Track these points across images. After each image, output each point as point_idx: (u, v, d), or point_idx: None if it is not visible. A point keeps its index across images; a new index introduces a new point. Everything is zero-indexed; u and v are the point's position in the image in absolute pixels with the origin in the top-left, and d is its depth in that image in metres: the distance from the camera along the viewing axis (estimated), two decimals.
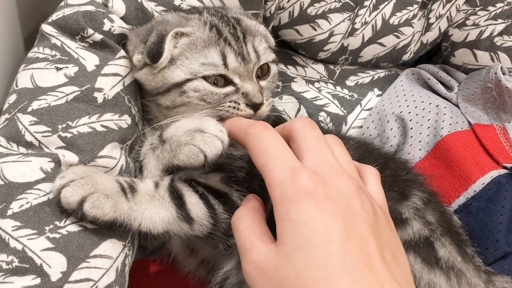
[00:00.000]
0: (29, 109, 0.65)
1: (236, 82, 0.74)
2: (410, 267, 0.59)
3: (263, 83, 0.79)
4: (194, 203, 0.67)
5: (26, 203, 0.58)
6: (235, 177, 0.73)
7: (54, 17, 0.75)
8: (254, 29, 0.80)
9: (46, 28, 0.74)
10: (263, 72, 0.79)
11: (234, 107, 0.73)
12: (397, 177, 0.78)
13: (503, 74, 0.94)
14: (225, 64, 0.72)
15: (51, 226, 0.58)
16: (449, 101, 0.98)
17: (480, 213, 0.84)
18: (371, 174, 0.63)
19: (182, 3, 0.85)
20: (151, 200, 0.64)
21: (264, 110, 0.75)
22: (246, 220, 0.58)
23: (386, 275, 0.50)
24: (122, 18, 0.78)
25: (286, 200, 0.52)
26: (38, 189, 0.60)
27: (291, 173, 0.53)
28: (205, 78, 0.72)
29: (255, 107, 0.74)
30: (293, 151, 0.57)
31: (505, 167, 0.87)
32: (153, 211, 0.63)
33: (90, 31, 0.73)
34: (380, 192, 0.62)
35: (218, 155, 0.66)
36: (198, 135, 0.66)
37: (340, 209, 0.52)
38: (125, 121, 0.72)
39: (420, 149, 0.91)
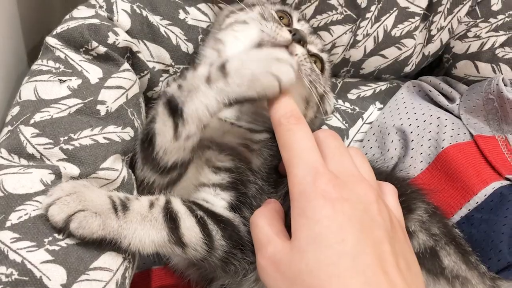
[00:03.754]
0: (32, 121, 0.66)
1: (293, 21, 0.84)
2: None
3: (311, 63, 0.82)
4: (189, 227, 0.65)
5: (25, 214, 0.58)
6: (244, 195, 0.73)
7: (58, 29, 0.76)
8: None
9: (50, 40, 0.75)
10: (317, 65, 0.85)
11: (277, 27, 0.76)
12: (401, 192, 0.78)
13: (505, 85, 0.94)
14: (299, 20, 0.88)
15: (50, 238, 0.58)
16: (451, 112, 0.98)
17: (482, 224, 0.83)
18: (389, 190, 0.65)
19: (187, 17, 0.86)
20: (142, 221, 0.62)
21: (299, 52, 0.77)
22: (265, 218, 0.60)
23: (399, 281, 0.51)
24: (127, 31, 0.79)
25: (304, 198, 0.54)
26: (37, 201, 0.60)
27: (313, 173, 0.55)
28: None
29: (296, 38, 0.76)
30: None
31: (507, 179, 0.87)
32: (143, 232, 0.62)
33: (95, 43, 0.74)
34: (398, 207, 0.63)
35: (291, 84, 0.63)
36: (274, 62, 0.63)
37: (357, 212, 0.53)
38: (128, 133, 0.72)
39: (422, 161, 0.91)
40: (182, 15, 0.85)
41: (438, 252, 0.72)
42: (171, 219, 0.64)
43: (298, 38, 0.76)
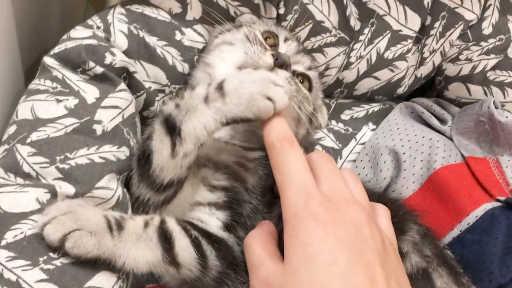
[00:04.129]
0: (28, 140, 0.67)
1: (281, 48, 0.84)
2: None
3: (297, 81, 0.83)
4: (183, 247, 0.65)
5: (21, 233, 0.59)
6: (239, 215, 0.73)
7: (56, 50, 0.77)
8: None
9: (48, 60, 0.76)
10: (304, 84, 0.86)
11: (260, 51, 0.77)
12: (394, 214, 0.79)
13: (496, 108, 0.95)
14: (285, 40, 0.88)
15: (45, 257, 0.58)
16: (443, 134, 0.99)
17: (474, 245, 0.84)
18: (382, 212, 0.65)
19: (183, 38, 0.87)
20: (137, 240, 0.63)
21: (281, 76, 0.77)
22: (259, 240, 0.61)
23: None
24: (124, 52, 0.80)
25: (296, 220, 0.55)
26: (33, 220, 0.60)
27: (305, 195, 0.55)
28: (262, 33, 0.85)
29: (278, 63, 0.77)
30: None
31: (498, 200, 0.87)
32: (138, 252, 0.62)
33: (92, 64, 0.75)
34: (390, 228, 0.64)
35: (285, 106, 0.65)
36: (270, 85, 0.65)
37: (349, 234, 0.54)
38: (124, 152, 0.73)
39: (414, 182, 0.92)
40: (178, 36, 0.86)
41: (431, 274, 0.73)
42: (165, 239, 0.65)
43: (280, 63, 0.77)
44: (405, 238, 0.75)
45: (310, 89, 0.88)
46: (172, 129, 0.68)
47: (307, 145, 0.96)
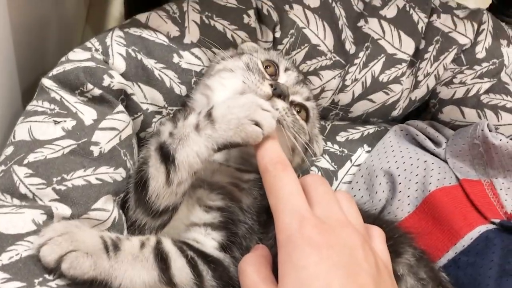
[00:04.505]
0: (25, 161, 0.67)
1: (280, 77, 0.85)
2: None
3: (295, 112, 0.83)
4: (179, 268, 0.66)
5: (16, 255, 0.58)
6: (235, 235, 0.74)
7: (54, 71, 0.77)
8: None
9: (46, 82, 0.76)
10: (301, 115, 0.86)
11: (259, 81, 0.78)
12: (389, 236, 0.79)
13: (490, 131, 0.96)
14: (285, 70, 0.89)
15: (41, 279, 0.58)
16: (438, 156, 1.00)
17: (469, 268, 0.84)
18: (377, 234, 0.65)
19: (180, 61, 0.88)
20: (133, 261, 0.63)
21: (280, 106, 0.78)
22: (253, 264, 0.60)
23: None
24: (121, 74, 0.81)
25: (290, 244, 0.54)
26: (29, 241, 0.60)
27: (299, 219, 0.55)
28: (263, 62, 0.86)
29: (276, 93, 0.78)
30: None
31: (493, 222, 0.88)
32: (134, 272, 0.62)
33: (90, 86, 0.75)
34: (385, 251, 0.64)
35: (272, 130, 0.66)
36: (257, 110, 0.66)
37: (343, 257, 0.53)
38: (120, 174, 0.73)
39: (409, 204, 0.92)
40: (176, 59, 0.87)
41: None
42: (161, 259, 0.65)
43: (279, 93, 0.78)
44: (401, 260, 0.75)
45: (307, 119, 0.88)
46: (167, 157, 0.69)
47: (301, 173, 0.96)
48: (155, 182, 0.70)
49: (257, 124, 0.65)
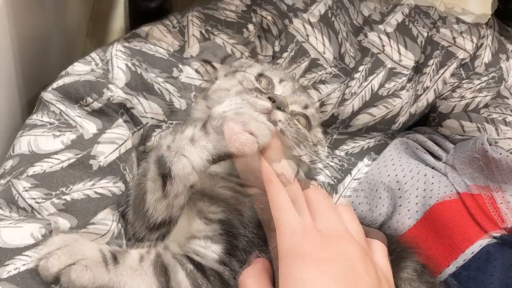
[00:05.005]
0: (25, 175, 0.67)
1: (274, 83, 0.85)
2: None
3: (296, 122, 0.83)
4: (179, 281, 0.65)
5: (15, 269, 0.58)
6: (235, 248, 0.73)
7: (54, 85, 0.78)
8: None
9: (46, 95, 0.77)
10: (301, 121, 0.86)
11: (256, 96, 0.77)
12: (390, 250, 0.79)
13: (490, 144, 0.96)
14: (280, 81, 0.88)
15: None
16: (438, 170, 1.00)
17: (470, 282, 0.84)
18: (378, 248, 0.65)
19: (180, 75, 0.88)
20: (132, 274, 0.63)
21: (282, 118, 0.77)
22: (253, 277, 0.61)
23: None
24: (122, 88, 0.81)
25: (290, 258, 0.55)
26: (27, 255, 0.60)
27: (299, 233, 0.56)
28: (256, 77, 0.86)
29: (276, 105, 0.77)
30: None
31: (494, 237, 0.87)
32: (133, 285, 0.62)
33: (90, 99, 0.76)
34: (386, 264, 0.64)
35: (268, 142, 0.65)
36: (252, 121, 0.66)
37: (343, 271, 0.53)
38: (119, 187, 0.73)
39: (410, 218, 0.92)
40: (176, 73, 0.88)
41: None
42: (161, 272, 0.65)
43: (278, 105, 0.77)
44: (402, 275, 0.75)
45: (309, 127, 0.88)
46: (164, 169, 0.69)
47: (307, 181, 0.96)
48: (152, 194, 0.70)
49: (251, 134, 0.65)
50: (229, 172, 0.82)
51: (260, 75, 0.88)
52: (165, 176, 0.68)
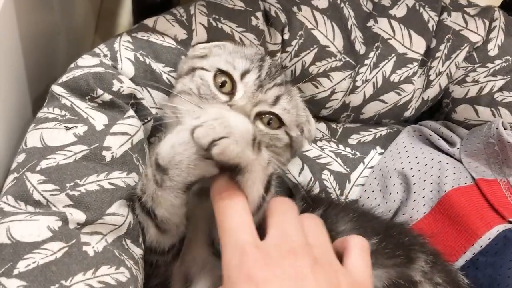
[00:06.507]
0: (38, 168, 0.66)
1: (238, 90, 0.80)
2: None
3: (262, 126, 0.80)
4: None
5: (33, 262, 0.58)
6: None
7: (64, 78, 0.77)
8: (293, 93, 0.90)
9: (56, 89, 0.76)
10: (272, 123, 0.82)
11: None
12: (400, 242, 0.78)
13: (505, 129, 0.95)
14: (242, 75, 0.81)
15: (57, 286, 0.57)
16: (452, 156, 0.99)
17: (488, 268, 0.83)
18: (355, 245, 0.61)
19: None
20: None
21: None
22: None
23: None
24: (131, 79, 0.81)
25: (230, 283, 0.52)
26: (46, 249, 0.60)
27: (239, 255, 0.52)
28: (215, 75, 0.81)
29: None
30: None
31: (510, 222, 0.87)
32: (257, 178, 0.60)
33: (100, 91, 0.75)
34: (361, 265, 0.60)
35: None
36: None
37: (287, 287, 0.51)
38: (133, 178, 0.73)
39: (424, 205, 0.91)
40: None
41: None
42: None
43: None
44: (415, 267, 0.75)
45: (281, 123, 0.83)
46: (148, 212, 0.68)
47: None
48: (148, 234, 0.71)
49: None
50: None
51: (219, 73, 0.82)
52: (152, 218, 0.68)
